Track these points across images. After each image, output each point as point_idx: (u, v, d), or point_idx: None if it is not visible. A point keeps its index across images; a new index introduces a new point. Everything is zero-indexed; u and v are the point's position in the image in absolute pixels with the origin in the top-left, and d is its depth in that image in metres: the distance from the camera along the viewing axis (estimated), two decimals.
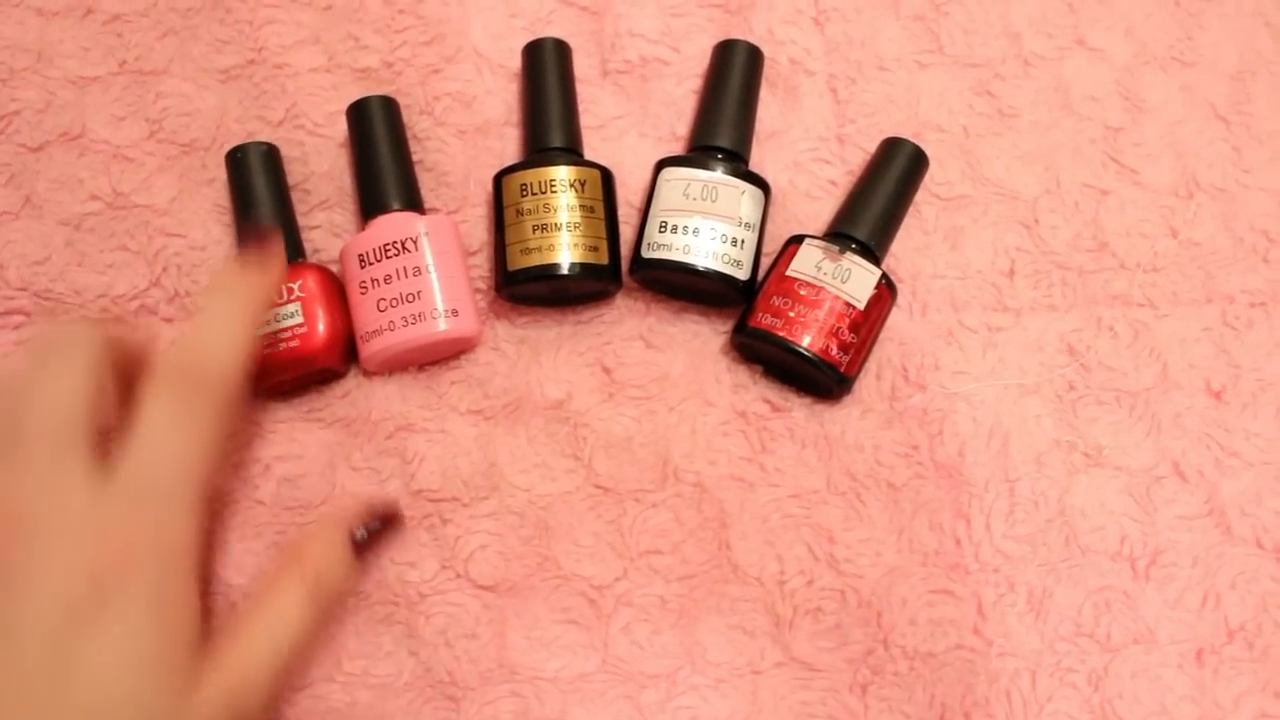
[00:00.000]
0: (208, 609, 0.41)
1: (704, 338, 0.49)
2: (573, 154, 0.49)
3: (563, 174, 0.47)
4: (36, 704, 0.31)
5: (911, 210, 0.51)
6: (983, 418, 0.48)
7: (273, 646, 0.36)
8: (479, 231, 0.51)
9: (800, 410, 0.48)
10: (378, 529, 0.42)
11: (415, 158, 0.51)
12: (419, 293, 0.46)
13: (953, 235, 0.51)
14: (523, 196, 0.47)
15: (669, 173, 0.48)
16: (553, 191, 0.47)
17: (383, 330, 0.46)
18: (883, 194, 0.48)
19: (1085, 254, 0.52)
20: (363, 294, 0.47)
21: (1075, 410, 0.49)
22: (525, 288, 0.47)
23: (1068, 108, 0.54)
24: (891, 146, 0.50)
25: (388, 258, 0.47)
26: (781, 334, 0.45)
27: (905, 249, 0.51)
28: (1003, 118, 0.54)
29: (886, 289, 0.47)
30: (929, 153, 0.51)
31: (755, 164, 0.51)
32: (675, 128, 0.52)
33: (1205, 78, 0.56)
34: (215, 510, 0.46)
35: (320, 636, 0.44)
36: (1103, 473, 0.48)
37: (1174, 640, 0.46)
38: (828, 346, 0.45)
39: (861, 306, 0.45)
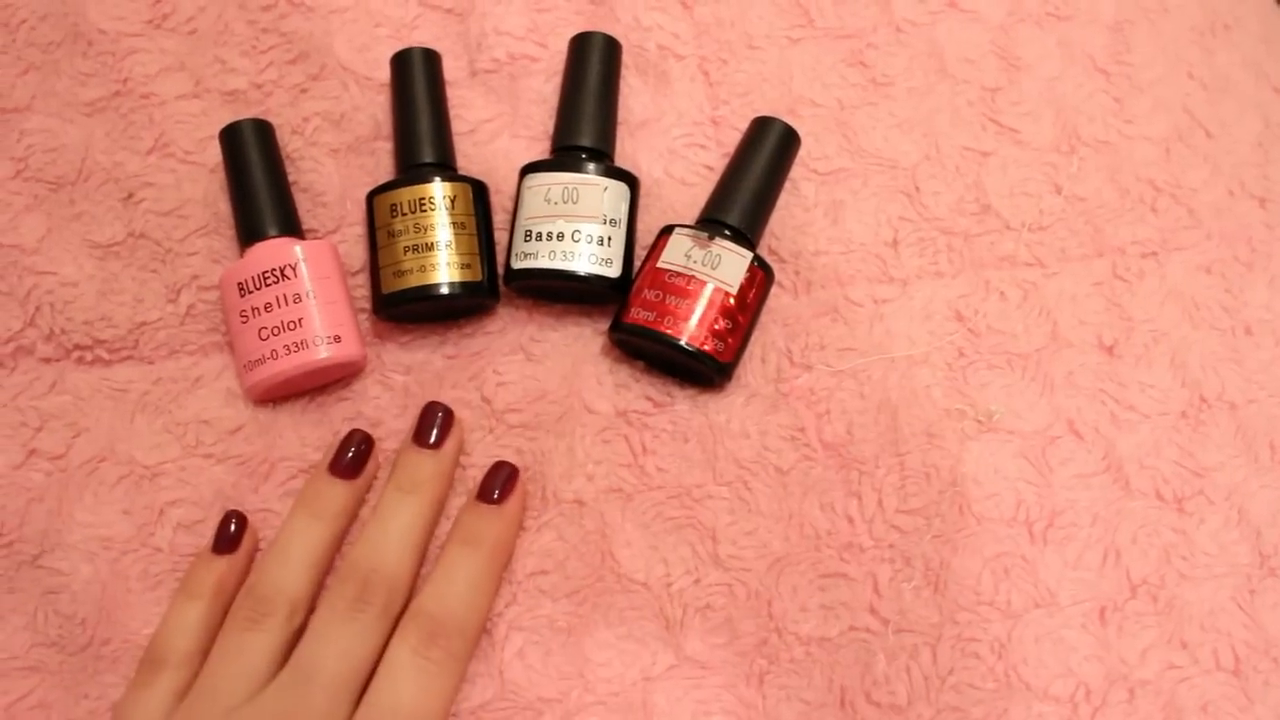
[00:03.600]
0: None
1: (585, 340, 0.49)
2: (443, 169, 0.49)
3: (432, 191, 0.47)
4: None
5: (790, 188, 0.51)
6: (870, 393, 0.48)
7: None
8: (359, 251, 0.50)
9: (683, 403, 0.47)
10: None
11: (289, 179, 0.50)
12: (300, 320, 0.46)
13: (833, 210, 0.51)
14: (393, 217, 0.47)
15: (530, 179, 0.47)
16: (423, 211, 0.46)
17: (265, 359, 0.45)
18: (753, 175, 0.48)
19: (969, 218, 0.52)
20: (243, 323, 0.46)
21: (965, 377, 0.49)
22: (401, 309, 0.47)
23: (943, 72, 0.54)
24: (760, 126, 0.49)
25: (267, 285, 0.46)
26: (654, 327, 0.45)
27: (785, 228, 0.50)
28: (877, 87, 0.53)
29: (761, 271, 0.46)
30: (804, 128, 0.50)
31: (628, 155, 0.51)
32: (547, 126, 0.52)
33: (1083, 31, 0.56)
34: None
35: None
36: (995, 438, 0.48)
37: (1076, 600, 0.46)
38: (702, 336, 0.44)
39: (734, 291, 0.45)
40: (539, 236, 0.46)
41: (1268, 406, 0.51)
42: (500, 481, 0.44)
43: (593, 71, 0.49)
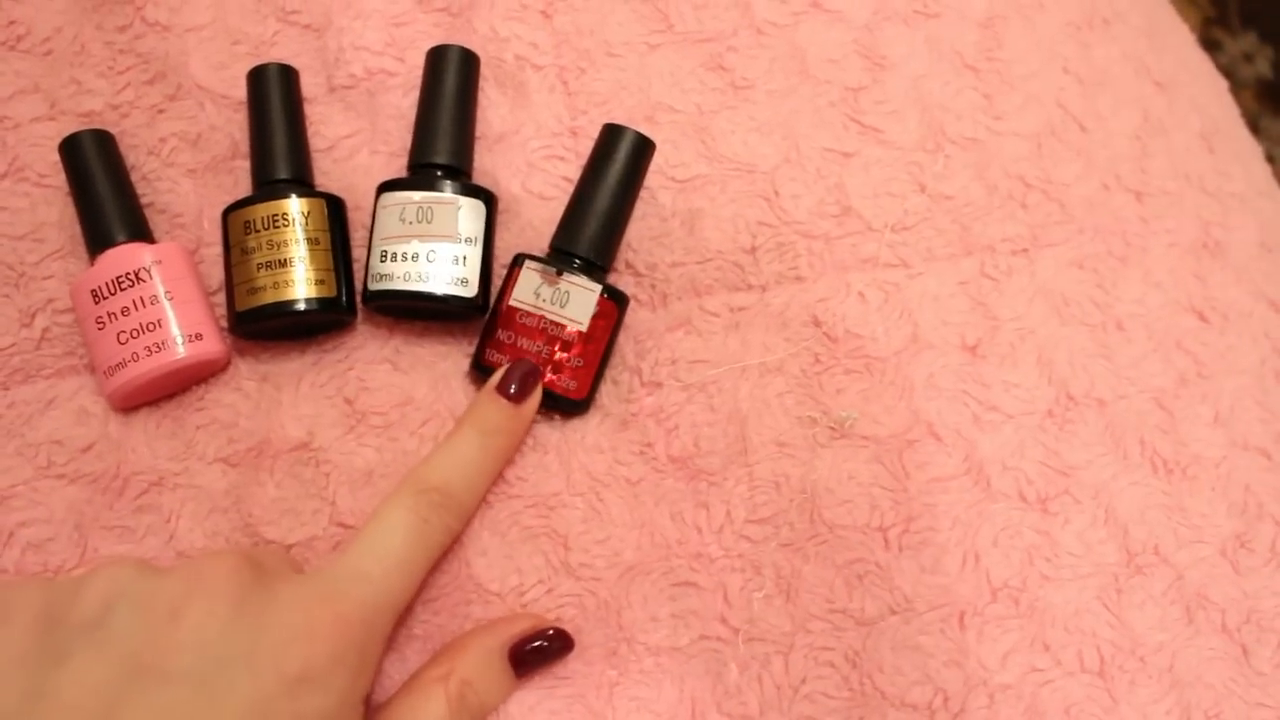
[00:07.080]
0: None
1: (451, 357, 0.48)
2: (298, 184, 0.48)
3: (286, 208, 0.46)
4: None
5: (647, 197, 0.50)
6: (720, 405, 0.47)
7: None
8: (219, 271, 0.50)
9: (542, 419, 0.47)
10: (544, 646, 0.43)
11: (146, 200, 0.50)
12: (159, 321, 0.46)
13: (690, 219, 0.50)
14: (247, 234, 0.46)
15: (385, 199, 0.47)
16: (276, 227, 0.46)
17: (126, 363, 0.45)
18: (603, 194, 0.47)
19: (830, 220, 0.51)
20: (100, 329, 0.46)
21: (820, 384, 0.48)
22: (257, 325, 0.46)
23: (804, 73, 0.53)
24: (609, 136, 0.48)
25: (122, 290, 0.46)
26: None
27: (642, 239, 0.50)
28: (737, 91, 0.53)
29: (611, 302, 0.46)
30: (662, 136, 0.50)
31: (487, 170, 0.50)
32: (406, 141, 0.51)
33: (952, 28, 0.55)
34: None
35: None
36: (849, 444, 0.47)
37: (933, 606, 0.46)
38: (554, 378, 0.44)
39: (584, 328, 0.45)
40: (394, 257, 0.46)
41: (1138, 402, 0.51)
42: (520, 379, 0.44)
43: (448, 86, 0.49)
